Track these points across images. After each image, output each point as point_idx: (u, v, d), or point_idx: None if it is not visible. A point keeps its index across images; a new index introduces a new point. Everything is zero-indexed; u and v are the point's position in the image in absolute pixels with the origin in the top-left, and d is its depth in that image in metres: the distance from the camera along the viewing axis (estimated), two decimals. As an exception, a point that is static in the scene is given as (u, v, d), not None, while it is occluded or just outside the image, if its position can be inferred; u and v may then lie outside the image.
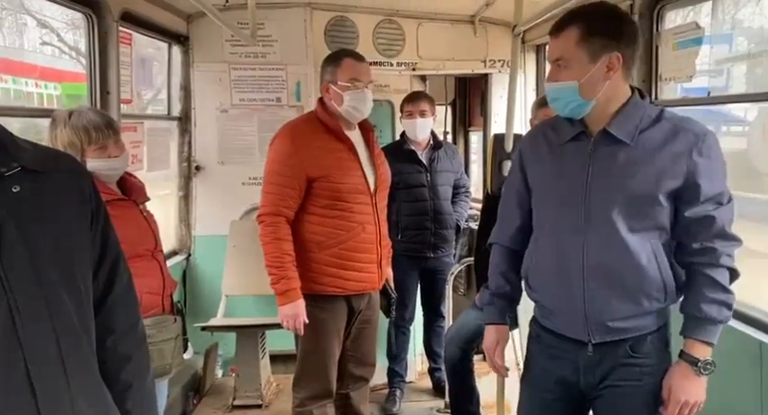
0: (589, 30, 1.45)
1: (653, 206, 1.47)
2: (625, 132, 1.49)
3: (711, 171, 1.46)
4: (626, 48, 1.47)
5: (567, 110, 1.53)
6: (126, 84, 2.79)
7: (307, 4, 3.69)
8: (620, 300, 1.50)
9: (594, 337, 1.54)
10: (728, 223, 1.48)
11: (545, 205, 1.63)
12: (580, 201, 1.52)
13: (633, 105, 1.51)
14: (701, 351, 1.48)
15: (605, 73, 1.46)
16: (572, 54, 1.47)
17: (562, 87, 1.50)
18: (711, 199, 1.46)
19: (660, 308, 1.53)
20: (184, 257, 3.70)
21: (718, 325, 1.48)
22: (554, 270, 1.58)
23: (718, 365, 1.40)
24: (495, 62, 3.97)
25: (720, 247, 1.47)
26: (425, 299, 3.49)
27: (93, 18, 2.55)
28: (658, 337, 1.55)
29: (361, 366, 2.54)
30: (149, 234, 2.11)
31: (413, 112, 3.25)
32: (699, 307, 1.48)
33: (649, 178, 1.46)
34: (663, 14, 2.46)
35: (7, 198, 0.93)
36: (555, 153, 1.61)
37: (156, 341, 2.02)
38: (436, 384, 3.53)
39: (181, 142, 3.70)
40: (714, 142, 1.47)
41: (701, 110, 3.31)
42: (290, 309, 2.24)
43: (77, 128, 1.95)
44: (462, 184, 3.52)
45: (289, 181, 2.24)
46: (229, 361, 3.56)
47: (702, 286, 1.48)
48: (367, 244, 2.32)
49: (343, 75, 2.27)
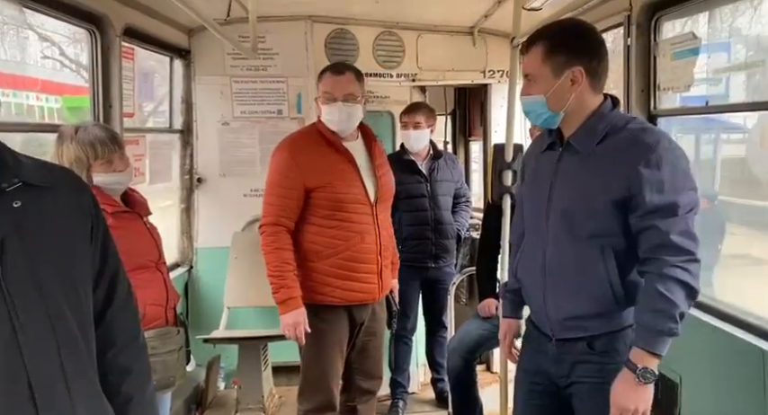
0: (552, 47, 1.57)
1: (600, 214, 1.54)
2: (584, 143, 1.59)
3: (659, 182, 1.47)
4: (589, 62, 1.57)
5: (540, 121, 1.66)
6: (128, 98, 2.81)
7: (307, 17, 3.72)
8: (571, 300, 1.61)
9: (555, 333, 1.66)
10: (680, 234, 1.47)
11: (525, 209, 1.79)
12: (544, 208, 1.65)
13: (598, 116, 1.59)
14: (642, 359, 1.48)
15: (570, 86, 1.57)
16: (538, 70, 1.59)
17: (532, 101, 1.63)
18: (658, 211, 1.47)
19: (612, 311, 1.57)
20: (186, 269, 3.70)
21: (662, 336, 1.47)
22: (527, 271, 1.74)
23: (721, 373, 1.41)
24: (495, 72, 3.99)
25: (666, 258, 1.47)
26: (427, 309, 3.49)
27: (95, 34, 2.58)
28: (618, 338, 1.58)
29: (368, 380, 2.53)
30: (153, 246, 2.13)
31: (408, 124, 3.31)
32: (640, 316, 1.51)
33: (597, 188, 1.54)
34: (660, 25, 2.49)
35: (9, 212, 0.94)
36: (537, 160, 1.76)
37: (159, 353, 2.03)
38: (439, 395, 3.52)
39: (183, 155, 3.71)
40: (666, 152, 1.48)
41: (700, 118, 3.33)
42: (291, 318, 2.25)
43: (84, 143, 1.98)
44: (463, 194, 3.53)
45: (288, 192, 2.28)
46: (231, 373, 3.55)
47: (646, 295, 1.50)
48: (366, 254, 2.33)
49: (321, 88, 2.36)
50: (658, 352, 1.48)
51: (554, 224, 1.62)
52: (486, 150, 4.09)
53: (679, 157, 1.51)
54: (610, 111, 1.60)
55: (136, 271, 2.04)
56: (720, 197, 4.81)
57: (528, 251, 1.74)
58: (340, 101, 2.29)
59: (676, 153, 1.51)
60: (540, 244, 1.66)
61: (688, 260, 1.47)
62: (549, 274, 1.65)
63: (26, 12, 2.15)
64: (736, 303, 2.20)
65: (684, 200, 1.48)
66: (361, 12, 3.74)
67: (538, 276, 1.68)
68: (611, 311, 1.57)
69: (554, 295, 1.64)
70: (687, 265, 1.47)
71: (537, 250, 1.67)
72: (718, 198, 4.53)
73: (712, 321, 2.12)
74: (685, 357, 2.19)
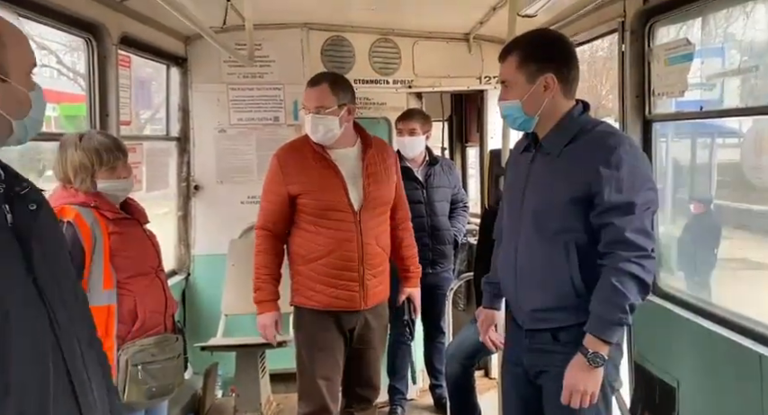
0: (525, 55, 1.70)
1: (564, 212, 1.65)
2: (553, 145, 1.71)
3: (618, 181, 1.58)
4: (559, 70, 1.68)
5: (516, 124, 1.77)
6: (125, 106, 2.82)
7: (303, 25, 3.74)
8: (538, 294, 1.72)
9: (526, 324, 1.77)
10: (635, 231, 1.58)
11: (504, 209, 1.91)
12: (518, 208, 1.77)
13: (568, 119, 1.71)
14: (594, 345, 1.60)
15: (543, 91, 1.68)
16: (513, 77, 1.72)
17: (509, 105, 1.74)
18: (616, 209, 1.58)
19: (575, 304, 1.66)
20: (184, 276, 3.69)
21: (611, 325, 1.59)
22: (503, 268, 1.86)
23: (718, 377, 1.42)
24: (491, 78, 4.01)
25: (621, 253, 1.58)
26: (425, 315, 3.47)
27: (92, 42, 2.58)
28: (577, 330, 1.65)
29: (365, 388, 2.55)
30: (153, 253, 2.15)
31: (403, 130, 3.33)
32: (593, 305, 1.62)
33: (562, 187, 1.65)
34: (654, 30, 2.50)
35: (28, 216, 1.00)
36: (515, 162, 1.89)
37: (158, 360, 2.03)
38: (437, 401, 3.51)
39: (180, 162, 3.72)
40: (626, 154, 1.59)
41: (695, 123, 3.35)
42: (262, 319, 2.41)
43: (89, 150, 2.00)
44: (460, 199, 3.54)
45: (273, 197, 2.38)
46: (229, 381, 3.53)
47: (600, 286, 1.61)
48: (347, 262, 2.33)
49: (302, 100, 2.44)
50: (608, 339, 1.59)
51: (525, 224, 1.74)
52: (483, 156, 4.11)
53: (639, 159, 1.63)
54: (579, 115, 1.72)
55: (136, 278, 2.04)
56: (716, 201, 4.83)
57: (504, 248, 1.86)
58: (312, 113, 2.33)
59: (636, 155, 1.64)
60: (514, 243, 1.78)
61: (641, 256, 1.58)
62: (519, 270, 1.77)
63: (23, 21, 2.15)
64: (733, 307, 2.20)
65: (641, 199, 1.59)
66: (357, 19, 3.75)
67: (511, 272, 1.80)
68: (575, 305, 1.66)
69: (524, 290, 1.76)
70: (640, 260, 1.58)
71: (510, 248, 1.80)
72: (714, 201, 4.55)
73: (710, 325, 2.12)
74: (683, 362, 2.19)
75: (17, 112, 0.98)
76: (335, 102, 2.33)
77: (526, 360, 1.78)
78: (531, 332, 1.76)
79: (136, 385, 1.99)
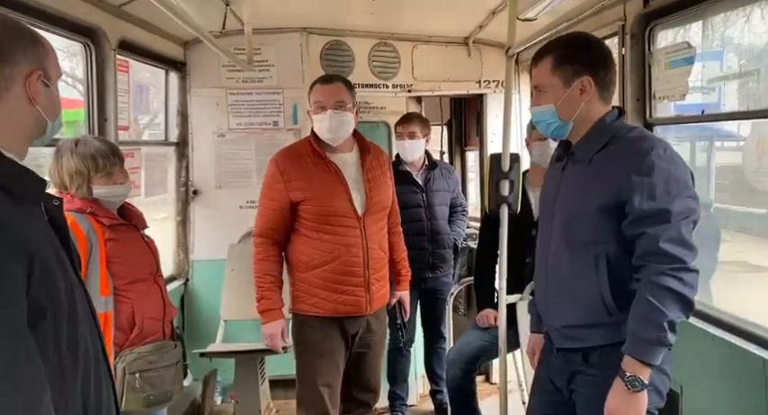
0: (561, 58, 1.61)
1: (594, 222, 1.56)
2: (584, 152, 1.62)
3: (651, 188, 1.47)
4: (596, 72, 1.60)
5: (550, 131, 1.68)
6: (123, 111, 2.81)
7: (302, 29, 3.74)
8: (567, 309, 1.63)
9: (555, 342, 1.69)
10: (671, 241, 1.46)
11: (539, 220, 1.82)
12: (549, 218, 1.69)
13: (600, 125, 1.61)
14: (632, 367, 1.47)
15: (579, 95, 1.60)
16: (548, 81, 1.63)
17: (542, 111, 1.66)
18: (648, 217, 1.47)
19: (606, 322, 1.56)
20: (182, 282, 3.67)
21: (648, 344, 1.46)
22: (536, 281, 1.79)
23: (722, 382, 1.39)
24: (490, 82, 4.01)
25: (655, 265, 1.46)
26: (425, 320, 3.47)
27: (90, 47, 2.57)
28: (611, 352, 1.55)
29: (363, 392, 2.52)
30: (151, 258, 2.14)
31: (402, 134, 3.32)
32: (629, 323, 1.49)
33: (592, 195, 1.56)
34: (654, 34, 2.50)
35: (54, 210, 1.10)
36: (550, 171, 1.81)
37: (157, 368, 2.02)
38: (438, 407, 3.49)
39: (178, 167, 3.70)
40: (659, 159, 1.48)
41: (695, 126, 3.34)
42: (269, 328, 2.35)
43: (85, 156, 1.98)
44: (459, 203, 3.53)
45: (274, 203, 2.33)
46: (228, 387, 3.51)
47: (636, 303, 1.49)
48: (352, 267, 2.32)
49: (312, 99, 2.38)
50: (647, 361, 1.46)
51: (556, 235, 1.66)
52: (483, 160, 4.10)
53: (674, 164, 1.51)
54: (613, 121, 1.62)
55: (134, 284, 2.03)
56: (716, 204, 4.82)
57: (537, 262, 1.77)
58: (330, 109, 2.30)
59: (672, 160, 1.51)
60: (545, 256, 1.70)
61: (678, 268, 1.45)
62: (548, 284, 1.69)
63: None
64: (735, 311, 2.18)
65: (678, 207, 1.47)
66: (356, 23, 3.75)
67: (542, 286, 1.72)
68: (606, 323, 1.56)
69: (553, 305, 1.68)
70: (677, 273, 1.45)
71: (542, 261, 1.71)
72: (714, 205, 4.54)
73: (712, 330, 2.11)
74: (686, 367, 2.17)
75: (53, 115, 1.10)
76: (351, 100, 2.36)
77: (558, 381, 1.69)
78: (561, 352, 1.67)
79: (134, 394, 1.97)
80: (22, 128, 1.05)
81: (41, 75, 1.05)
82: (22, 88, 1.03)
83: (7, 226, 0.95)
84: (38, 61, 1.05)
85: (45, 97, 1.07)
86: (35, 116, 1.06)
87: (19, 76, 1.02)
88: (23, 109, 1.04)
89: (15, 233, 0.96)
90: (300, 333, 2.38)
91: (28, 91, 1.03)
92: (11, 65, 1.01)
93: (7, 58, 1.01)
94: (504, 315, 2.33)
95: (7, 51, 1.01)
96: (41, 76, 1.05)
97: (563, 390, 1.68)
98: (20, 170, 1.03)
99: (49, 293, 0.99)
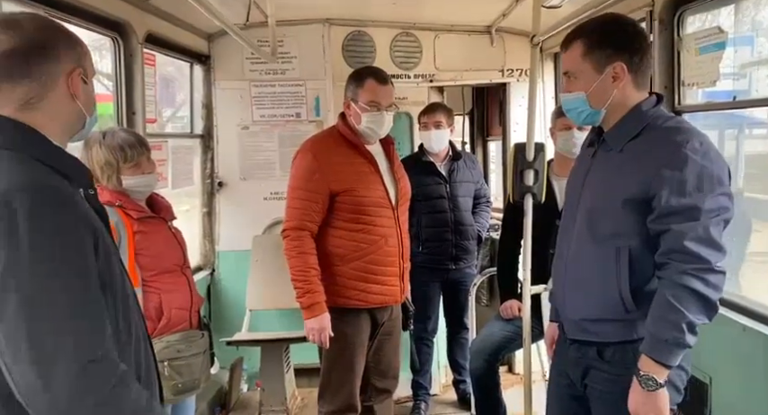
0: (592, 43, 1.53)
1: (619, 213, 1.49)
2: (616, 140, 1.55)
3: (681, 183, 1.40)
4: (630, 57, 1.51)
5: (581, 119, 1.61)
6: (150, 104, 2.85)
7: (324, 20, 3.74)
8: (582, 300, 1.59)
9: (569, 333, 1.65)
10: (697, 240, 1.39)
11: (564, 207, 1.76)
12: (575, 206, 1.63)
13: (635, 112, 1.53)
14: (647, 366, 1.44)
15: (612, 82, 1.52)
16: (579, 66, 1.55)
17: (573, 98, 1.58)
18: (676, 213, 1.41)
19: (622, 319, 1.52)
20: (209, 272, 3.73)
21: (666, 345, 1.41)
22: (555, 270, 1.72)
23: (752, 372, 1.37)
24: (513, 71, 3.97)
25: (678, 264, 1.40)
26: (448, 311, 3.47)
27: (119, 41, 2.62)
28: (626, 349, 1.53)
29: (384, 379, 2.53)
30: (178, 250, 2.16)
31: (428, 124, 3.27)
32: (648, 321, 1.45)
33: (619, 186, 1.50)
34: (684, 19, 2.44)
35: (92, 199, 1.14)
36: (579, 158, 1.75)
37: (184, 356, 2.05)
38: (461, 397, 3.50)
39: (204, 159, 3.75)
40: (693, 152, 1.40)
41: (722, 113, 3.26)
42: (316, 323, 2.26)
43: (113, 147, 2.02)
44: (483, 194, 3.51)
45: (312, 195, 2.27)
46: (254, 375, 3.57)
47: (656, 301, 1.44)
48: (390, 257, 2.33)
49: (363, 96, 2.31)
50: (664, 362, 1.42)
51: (579, 224, 1.60)
52: (506, 149, 4.06)
53: (709, 159, 1.42)
54: (651, 108, 1.53)
55: (162, 275, 2.06)
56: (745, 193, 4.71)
57: (557, 250, 1.71)
58: (384, 110, 2.31)
59: (707, 154, 1.42)
60: (566, 244, 1.65)
61: (702, 269, 1.39)
62: (567, 273, 1.64)
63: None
64: (766, 302, 2.15)
65: (709, 205, 1.40)
66: (378, 13, 3.74)
67: (560, 276, 1.67)
68: (622, 319, 1.52)
69: (570, 296, 1.63)
70: (701, 273, 1.39)
71: (563, 250, 1.67)
72: (744, 194, 4.44)
73: (742, 319, 2.08)
74: (715, 358, 2.15)
75: (91, 110, 1.17)
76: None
77: (572, 374, 1.66)
78: (575, 344, 1.64)
79: (163, 381, 2.01)
80: (65, 121, 1.12)
81: (81, 73, 1.12)
82: (65, 85, 1.10)
83: (75, 203, 1.03)
84: (78, 59, 1.12)
85: (84, 93, 1.14)
86: (77, 111, 1.13)
87: (63, 74, 1.10)
88: (67, 104, 1.11)
89: (82, 209, 1.04)
90: (334, 325, 2.30)
91: (70, 87, 1.11)
92: (56, 62, 1.08)
93: (54, 57, 1.08)
94: (528, 306, 2.32)
95: (53, 50, 1.08)
96: (81, 73, 1.12)
97: (577, 383, 1.65)
98: (69, 158, 1.12)
99: (109, 270, 1.06)
